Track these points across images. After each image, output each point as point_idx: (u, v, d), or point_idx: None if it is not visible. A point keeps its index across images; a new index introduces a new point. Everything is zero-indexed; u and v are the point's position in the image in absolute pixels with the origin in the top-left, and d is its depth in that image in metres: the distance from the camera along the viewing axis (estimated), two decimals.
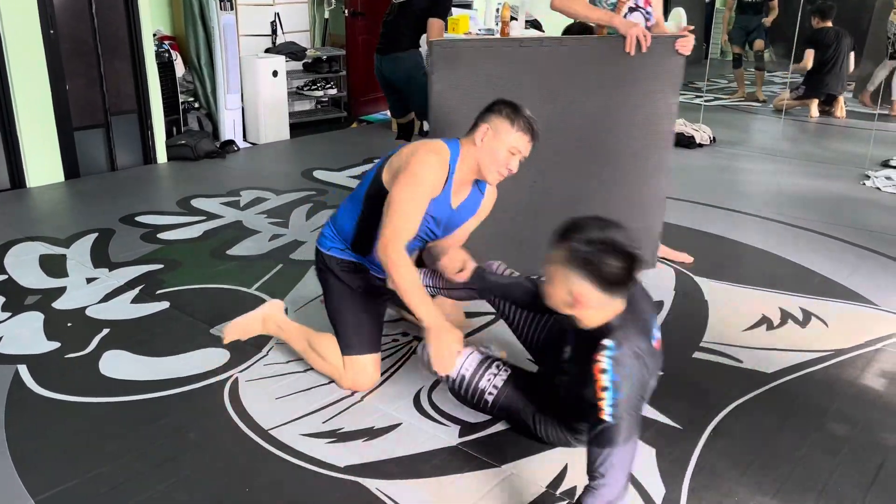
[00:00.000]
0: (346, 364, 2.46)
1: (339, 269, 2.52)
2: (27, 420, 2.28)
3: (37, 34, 4.51)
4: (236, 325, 2.70)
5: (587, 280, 1.75)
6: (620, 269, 1.73)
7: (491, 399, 2.15)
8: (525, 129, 2.29)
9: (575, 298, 1.78)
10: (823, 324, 3.02)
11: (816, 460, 2.17)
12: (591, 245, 1.74)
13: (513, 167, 2.33)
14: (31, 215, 4.25)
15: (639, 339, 1.80)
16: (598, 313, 1.82)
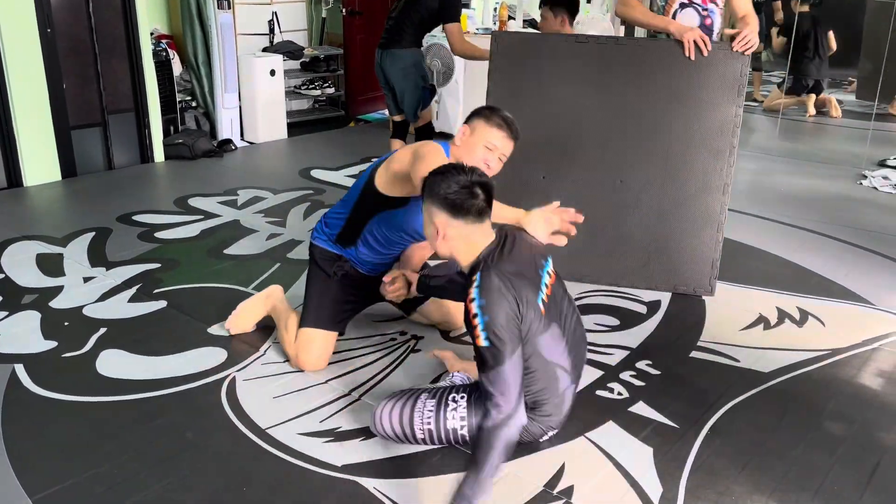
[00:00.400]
0: (297, 337, 2.57)
1: (320, 257, 2.63)
2: (24, 419, 2.28)
3: (34, 33, 4.50)
4: (240, 312, 2.79)
5: (441, 209, 1.97)
6: (460, 190, 1.94)
7: (465, 432, 2.09)
8: (499, 125, 2.36)
9: (437, 230, 1.99)
10: (820, 323, 3.03)
11: (813, 459, 2.17)
12: (437, 179, 1.99)
13: (491, 163, 2.37)
14: (28, 214, 4.24)
15: (505, 263, 1.95)
16: (464, 245, 2.00)
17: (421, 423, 2.10)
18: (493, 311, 1.86)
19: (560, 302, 2.13)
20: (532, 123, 3.20)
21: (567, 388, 2.14)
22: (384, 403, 2.16)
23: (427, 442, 2.15)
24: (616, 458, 2.14)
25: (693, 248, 3.21)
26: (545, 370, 2.05)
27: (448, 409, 2.10)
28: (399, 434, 2.13)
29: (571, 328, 2.16)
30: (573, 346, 2.15)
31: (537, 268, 2.07)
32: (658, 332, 2.93)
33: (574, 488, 2.02)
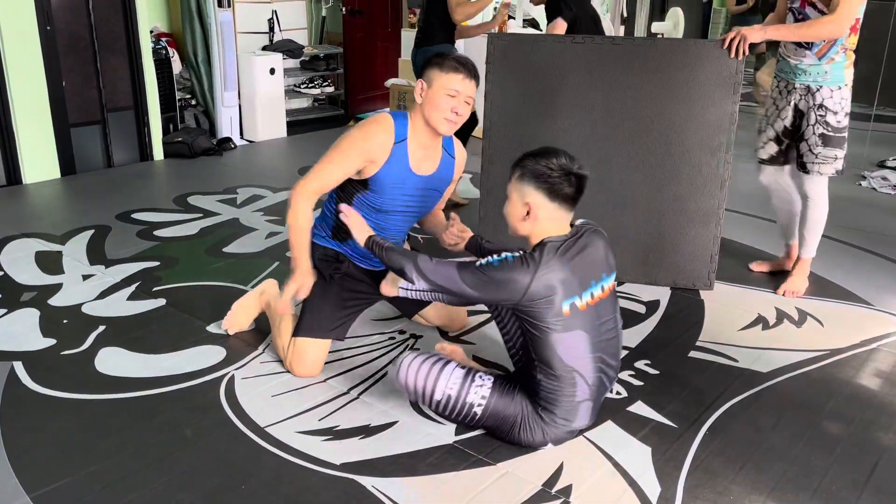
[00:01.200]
0: (290, 345, 2.53)
1: (318, 258, 2.56)
2: (22, 417, 2.28)
3: (33, 30, 4.50)
4: (236, 310, 2.78)
5: (538, 189, 2.05)
6: (561, 174, 2.03)
7: (479, 411, 2.12)
8: (454, 68, 2.34)
9: (529, 209, 2.07)
10: (819, 323, 3.03)
11: (811, 459, 2.17)
12: (537, 159, 2.06)
13: (458, 109, 2.36)
14: (27, 212, 4.23)
15: (565, 255, 2.03)
16: (545, 227, 2.08)
17: (445, 386, 2.13)
18: (513, 271, 1.98)
19: (600, 318, 2.10)
20: (530, 124, 3.24)
21: (583, 402, 2.12)
22: (415, 356, 2.20)
23: (440, 408, 2.16)
24: (614, 458, 2.15)
25: (692, 243, 3.25)
26: (564, 371, 2.05)
27: (473, 384, 2.14)
28: (419, 389, 2.15)
29: (603, 347, 2.12)
30: (600, 365, 2.12)
31: (592, 277, 2.09)
32: (657, 331, 2.93)
33: (572, 487, 2.02)
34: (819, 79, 2.98)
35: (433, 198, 2.60)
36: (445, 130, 2.42)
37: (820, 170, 3.08)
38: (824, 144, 3.03)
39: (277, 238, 3.83)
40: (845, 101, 2.99)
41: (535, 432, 2.12)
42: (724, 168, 3.17)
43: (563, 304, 2.01)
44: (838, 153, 3.04)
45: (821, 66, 2.95)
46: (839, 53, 2.92)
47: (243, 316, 2.80)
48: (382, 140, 2.39)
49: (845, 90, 2.98)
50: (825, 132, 3.01)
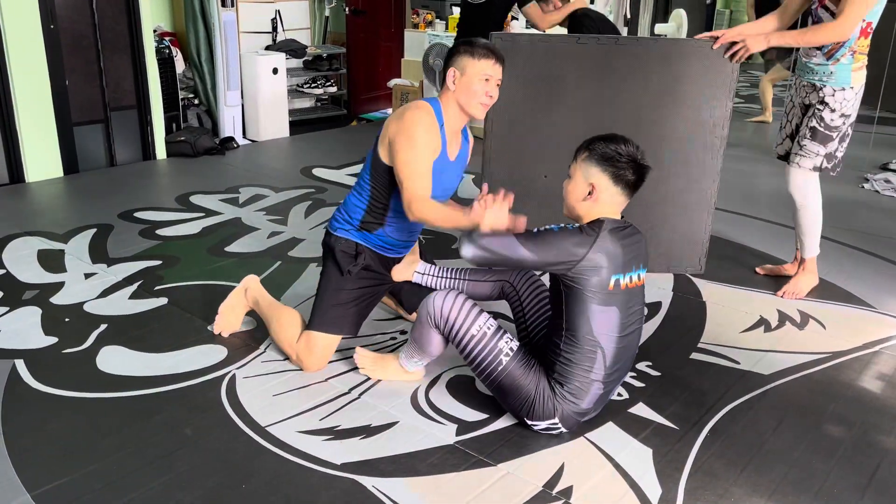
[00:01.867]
0: (302, 338, 2.54)
1: (339, 250, 2.56)
2: (24, 415, 2.28)
3: (37, 28, 4.51)
4: (224, 312, 2.77)
5: (604, 172, 2.10)
6: (628, 161, 2.09)
7: (505, 361, 2.17)
8: (485, 54, 2.40)
9: (593, 190, 2.12)
10: (821, 326, 3.03)
11: (813, 462, 2.17)
12: (606, 143, 2.12)
13: (492, 93, 2.43)
14: (30, 210, 4.24)
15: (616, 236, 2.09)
16: (601, 210, 2.14)
17: (482, 325, 2.19)
18: (569, 240, 2.06)
19: (631, 303, 2.16)
20: (533, 124, 3.24)
21: (595, 382, 2.15)
22: (455, 292, 2.25)
23: (471, 344, 2.19)
24: (615, 459, 2.14)
25: (686, 232, 3.42)
26: (591, 343, 2.11)
27: (506, 336, 2.22)
28: (454, 319, 2.20)
29: (628, 333, 2.17)
30: (622, 348, 2.16)
31: (635, 263, 2.16)
32: (658, 333, 2.93)
33: (573, 489, 2.02)
34: (824, 78, 2.98)
35: (457, 181, 2.65)
36: (480, 114, 2.48)
37: (799, 162, 3.09)
38: (811, 138, 3.04)
39: (279, 238, 3.84)
40: (847, 103, 2.98)
41: (546, 405, 2.16)
42: (718, 162, 3.30)
43: (610, 278, 2.08)
44: (821, 150, 3.04)
45: (827, 66, 2.96)
46: (846, 55, 2.91)
47: (232, 316, 2.79)
48: (437, 128, 2.43)
49: (849, 92, 2.96)
50: (816, 126, 3.02)
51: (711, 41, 3.11)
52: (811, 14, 3.02)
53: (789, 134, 3.25)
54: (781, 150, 3.32)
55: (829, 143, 3.03)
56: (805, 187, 3.14)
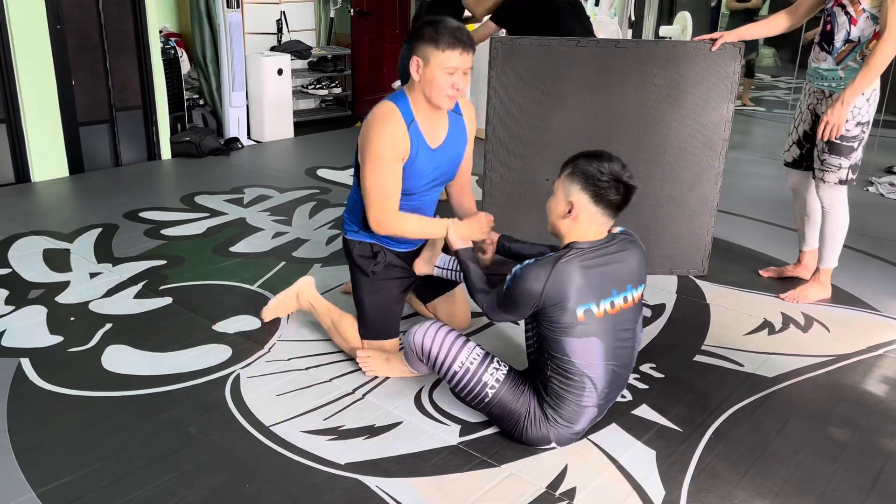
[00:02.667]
0: (365, 347, 2.58)
1: (356, 254, 2.57)
2: (29, 413, 2.29)
3: (43, 29, 4.53)
4: (274, 305, 2.84)
5: (584, 191, 2.05)
6: (610, 181, 2.02)
7: (491, 393, 2.14)
8: (451, 44, 2.24)
9: (572, 209, 2.07)
10: (825, 329, 3.02)
11: (816, 465, 2.17)
12: (590, 161, 2.06)
13: (458, 85, 2.30)
14: (36, 210, 4.25)
15: (587, 261, 2.04)
16: (582, 229, 2.09)
17: (465, 359, 2.16)
18: (528, 278, 2.02)
19: (618, 328, 2.10)
20: (534, 127, 3.24)
21: (588, 408, 2.12)
22: (438, 324, 2.23)
23: (454, 379, 2.17)
24: (619, 461, 2.14)
25: (689, 233, 3.44)
26: (577, 374, 2.07)
27: (491, 366, 2.17)
28: (437, 355, 2.18)
29: (618, 356, 2.13)
30: (611, 373, 2.12)
31: (614, 286, 2.08)
32: (662, 335, 2.93)
33: (576, 490, 2.02)
34: (834, 84, 2.93)
35: (456, 160, 2.56)
36: (448, 106, 2.38)
37: (823, 177, 3.03)
38: (829, 152, 2.97)
39: (284, 238, 3.84)
40: (860, 110, 2.88)
41: (540, 430, 2.13)
42: (721, 163, 3.31)
43: (577, 310, 2.01)
44: (843, 162, 2.96)
45: (836, 72, 2.90)
46: (856, 60, 2.84)
47: (282, 312, 2.87)
48: (400, 131, 2.33)
49: (860, 98, 2.87)
50: (832, 139, 2.95)
51: (710, 43, 3.12)
52: (824, 14, 2.96)
53: (796, 141, 3.21)
54: (789, 157, 3.28)
55: (851, 155, 2.96)
56: (833, 201, 3.07)
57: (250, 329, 2.85)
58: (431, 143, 2.43)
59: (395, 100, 2.38)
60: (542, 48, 3.17)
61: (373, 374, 2.54)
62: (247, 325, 2.88)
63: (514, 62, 3.15)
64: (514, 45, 3.17)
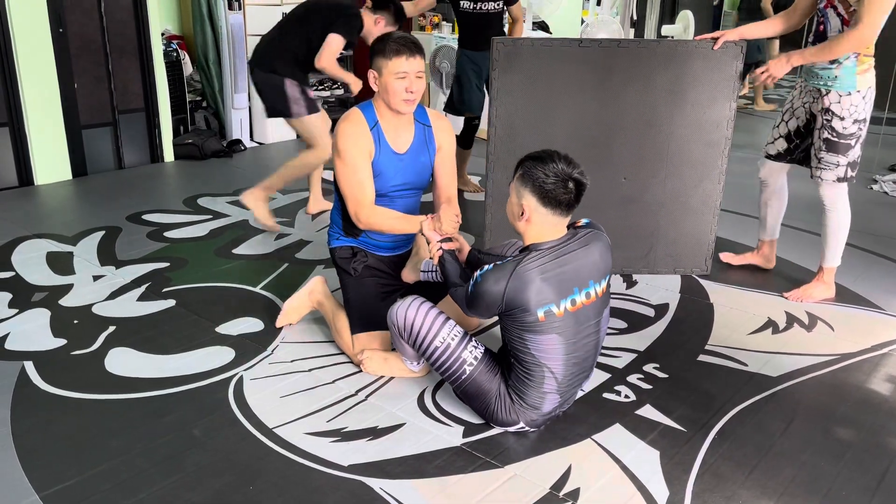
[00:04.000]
0: (354, 343, 2.61)
1: (338, 257, 2.69)
2: (33, 416, 2.29)
3: (46, 32, 4.53)
4: (287, 311, 2.86)
5: (533, 194, 2.07)
6: (556, 181, 2.04)
7: (468, 370, 2.20)
8: (395, 51, 2.44)
9: (523, 212, 2.10)
10: (829, 328, 3.01)
11: (821, 464, 2.16)
12: (535, 164, 2.08)
13: (411, 88, 2.46)
14: (39, 213, 4.26)
15: (545, 264, 2.07)
16: (538, 230, 2.11)
17: (447, 335, 2.21)
18: (488, 282, 2.06)
19: (580, 324, 2.14)
20: (537, 127, 3.23)
21: (551, 394, 2.17)
22: (420, 300, 2.27)
23: (434, 355, 2.22)
24: (623, 461, 2.14)
25: (692, 233, 3.44)
26: (536, 363, 2.13)
27: (470, 344, 2.23)
28: (418, 330, 2.23)
29: (580, 348, 2.17)
30: (573, 364, 2.17)
31: (576, 283, 2.11)
32: (666, 335, 2.92)
33: (580, 491, 2.01)
34: (829, 83, 2.93)
35: (426, 169, 2.66)
36: (407, 110, 2.52)
37: (821, 175, 3.04)
38: (827, 150, 2.99)
39: (286, 240, 3.84)
40: (855, 108, 2.91)
41: (510, 414, 2.19)
42: (723, 162, 3.31)
43: (537, 311, 2.06)
44: (840, 159, 2.98)
45: (831, 71, 2.91)
46: (850, 59, 2.85)
47: (294, 315, 2.89)
48: (363, 131, 2.51)
49: (856, 96, 2.89)
50: (829, 137, 2.97)
51: (712, 42, 3.11)
52: (817, 14, 2.97)
53: (785, 134, 3.23)
54: (773, 149, 3.30)
55: (849, 152, 2.98)
56: (834, 199, 3.09)
57: (253, 331, 2.85)
58: (395, 147, 2.57)
59: (361, 107, 2.57)
60: (544, 48, 3.17)
61: (374, 374, 2.55)
62: (250, 327, 2.88)
63: (515, 63, 3.14)
64: (515, 46, 3.17)
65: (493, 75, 3.16)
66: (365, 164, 2.49)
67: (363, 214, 2.49)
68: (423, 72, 2.50)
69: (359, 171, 2.48)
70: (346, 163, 2.48)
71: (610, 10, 6.74)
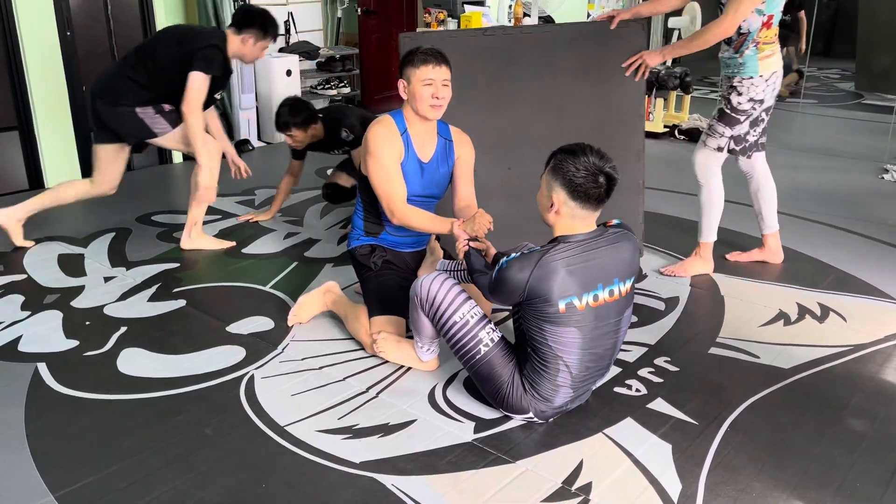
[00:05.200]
0: (371, 325, 2.66)
1: (358, 254, 2.83)
2: (46, 417, 2.31)
3: (54, 36, 4.56)
4: (301, 305, 2.90)
5: (563, 187, 2.09)
6: (586, 175, 2.06)
7: (484, 351, 2.22)
8: (422, 60, 2.57)
9: (553, 204, 2.12)
10: (842, 319, 2.99)
11: (834, 456, 2.15)
12: (567, 157, 2.09)
13: (438, 94, 2.58)
14: (50, 215, 4.27)
15: (572, 257, 2.08)
16: (568, 223, 2.13)
17: (467, 312, 2.24)
18: (513, 269, 2.08)
19: (600, 320, 2.14)
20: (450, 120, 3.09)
21: (564, 387, 2.18)
22: (445, 276, 2.31)
23: (452, 330, 2.25)
24: (634, 455, 2.13)
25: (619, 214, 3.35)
26: (553, 355, 2.13)
27: (488, 327, 2.25)
28: (439, 301, 2.26)
29: (597, 346, 2.17)
30: (589, 361, 2.18)
31: (600, 279, 2.12)
32: (676, 328, 2.91)
33: (592, 485, 2.01)
34: (736, 70, 3.16)
35: (444, 180, 2.79)
36: (434, 115, 2.64)
37: (706, 140, 3.25)
38: (719, 119, 3.20)
39: (295, 238, 3.85)
40: (755, 88, 3.12)
41: (521, 401, 2.20)
42: (639, 140, 3.33)
43: (559, 303, 2.07)
44: (727, 131, 3.20)
45: (736, 59, 3.14)
46: (750, 47, 3.08)
47: (307, 312, 2.91)
48: (394, 134, 2.64)
49: (758, 80, 3.11)
50: (724, 108, 3.19)
51: (609, 21, 3.23)
52: (719, 9, 3.13)
53: None
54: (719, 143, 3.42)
55: (735, 126, 3.19)
56: (707, 167, 3.27)
57: (264, 330, 2.86)
58: (421, 156, 2.70)
59: (392, 114, 2.70)
60: (450, 40, 3.11)
61: (384, 357, 2.58)
62: (260, 326, 2.89)
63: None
64: (419, 39, 3.08)
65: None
66: (396, 165, 2.62)
67: (398, 210, 2.59)
68: (449, 80, 2.61)
69: (392, 173, 2.60)
70: (379, 161, 2.59)
71: (615, 2, 6.71)
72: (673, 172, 5.10)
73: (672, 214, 4.22)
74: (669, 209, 4.31)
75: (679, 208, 4.29)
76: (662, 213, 4.25)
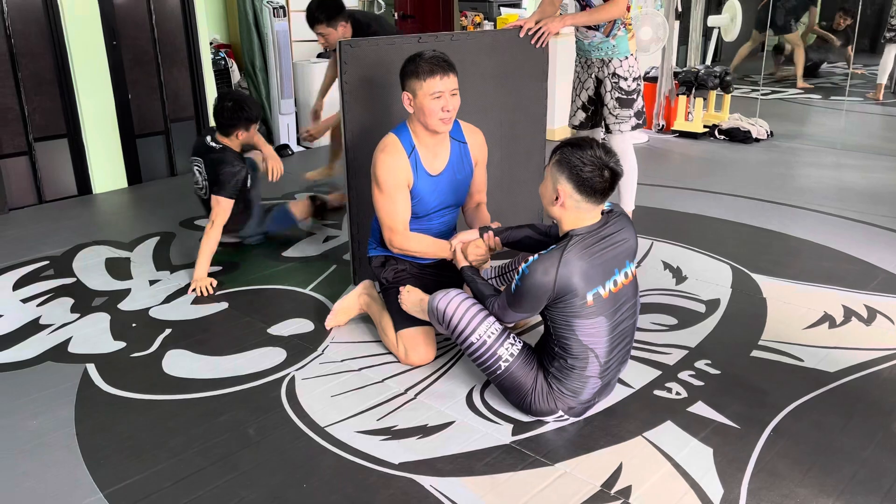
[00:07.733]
0: (398, 340, 2.64)
1: (374, 265, 2.79)
2: (96, 417, 2.37)
3: (100, 45, 4.69)
4: (337, 311, 2.91)
5: (568, 180, 2.11)
6: (593, 168, 2.08)
7: (504, 366, 2.24)
8: (428, 71, 2.44)
9: (558, 196, 2.13)
10: (890, 321, 2.92)
11: (882, 462, 2.10)
12: (572, 150, 2.12)
13: (448, 106, 2.48)
14: (97, 220, 4.40)
15: (589, 247, 2.11)
16: (573, 216, 2.15)
17: (484, 332, 2.24)
18: (536, 273, 2.07)
19: (622, 302, 2.20)
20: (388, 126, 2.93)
21: (592, 378, 2.20)
22: (460, 294, 2.31)
23: (471, 349, 2.27)
24: (675, 459, 2.11)
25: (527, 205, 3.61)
26: (581, 349, 2.15)
27: (507, 340, 2.26)
28: (457, 323, 2.27)
29: (621, 330, 2.22)
30: (615, 346, 2.21)
31: (616, 265, 2.17)
32: (717, 330, 2.87)
33: (632, 488, 2.00)
34: (610, 52, 3.48)
35: (462, 186, 2.73)
36: (444, 129, 2.55)
37: (620, 128, 3.55)
38: (620, 106, 3.52)
39: (335, 242, 3.90)
40: (633, 68, 3.51)
41: (547, 402, 2.23)
42: (543, 137, 3.68)
43: (587, 295, 2.09)
44: (630, 112, 3.53)
45: (608, 42, 3.46)
46: (620, 29, 3.44)
47: (343, 316, 2.93)
48: (402, 162, 2.55)
49: (631, 59, 3.50)
50: (620, 96, 3.51)
51: (517, 30, 3.43)
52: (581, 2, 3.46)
53: (581, 106, 3.69)
54: (576, 120, 3.73)
55: (634, 105, 3.54)
56: (628, 150, 3.57)
57: (304, 332, 2.90)
58: (431, 170, 2.62)
59: (397, 132, 2.59)
60: (388, 47, 3.06)
61: (406, 310, 2.59)
62: (301, 328, 2.93)
63: (361, 64, 2.99)
64: (361, 48, 3.01)
65: (343, 79, 2.96)
66: (401, 195, 2.56)
67: (396, 241, 2.59)
68: (458, 89, 2.52)
69: (395, 202, 2.55)
70: (384, 192, 2.55)
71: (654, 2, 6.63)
72: (709, 174, 5.03)
73: (711, 215, 4.16)
74: (712, 211, 4.25)
75: (717, 210, 4.23)
76: (705, 214, 4.20)
